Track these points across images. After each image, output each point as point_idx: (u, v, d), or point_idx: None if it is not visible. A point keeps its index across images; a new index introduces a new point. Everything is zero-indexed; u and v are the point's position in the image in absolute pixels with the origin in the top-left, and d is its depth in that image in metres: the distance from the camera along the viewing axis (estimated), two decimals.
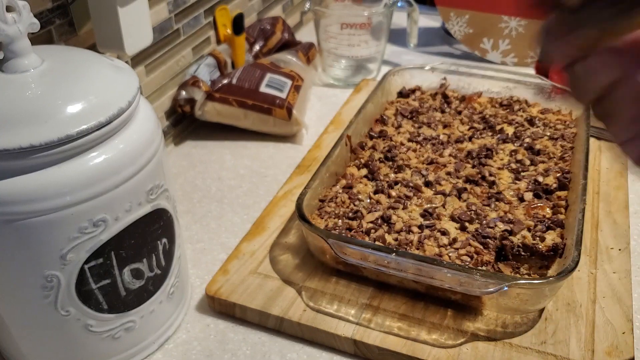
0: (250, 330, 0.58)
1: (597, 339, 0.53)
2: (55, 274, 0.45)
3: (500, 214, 0.63)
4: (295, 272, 0.61)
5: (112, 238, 0.46)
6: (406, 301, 0.58)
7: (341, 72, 1.02)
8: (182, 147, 0.86)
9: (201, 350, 0.56)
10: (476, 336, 0.54)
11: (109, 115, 0.43)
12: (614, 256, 0.62)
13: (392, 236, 0.60)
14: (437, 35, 1.19)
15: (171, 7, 0.79)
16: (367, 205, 0.65)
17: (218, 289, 0.59)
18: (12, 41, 0.44)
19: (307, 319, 0.56)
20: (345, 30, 0.97)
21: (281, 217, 0.69)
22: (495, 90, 0.85)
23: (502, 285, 0.51)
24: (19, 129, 0.41)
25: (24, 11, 0.44)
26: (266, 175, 0.80)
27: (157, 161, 0.49)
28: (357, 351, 0.55)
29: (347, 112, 0.90)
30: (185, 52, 0.85)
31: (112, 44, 0.65)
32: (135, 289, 0.50)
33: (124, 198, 0.46)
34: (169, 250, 0.53)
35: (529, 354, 0.52)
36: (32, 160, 0.41)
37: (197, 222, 0.72)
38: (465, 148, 0.74)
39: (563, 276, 0.51)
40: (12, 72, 0.44)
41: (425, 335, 0.54)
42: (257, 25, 0.97)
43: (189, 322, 0.59)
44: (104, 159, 0.44)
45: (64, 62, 0.47)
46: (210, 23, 0.89)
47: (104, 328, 0.50)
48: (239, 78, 0.85)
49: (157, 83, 0.81)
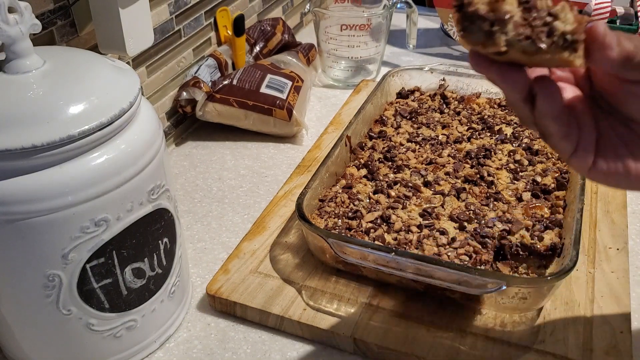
0: (250, 329, 0.58)
1: (595, 338, 0.54)
2: (57, 273, 0.46)
3: (499, 213, 0.63)
4: (296, 272, 0.62)
5: (113, 237, 0.47)
6: (405, 300, 0.58)
7: (341, 73, 1.02)
8: (183, 148, 0.87)
9: (202, 349, 0.56)
10: (475, 335, 0.54)
11: (111, 116, 0.44)
12: (612, 256, 0.63)
13: (391, 236, 0.61)
14: (436, 36, 1.20)
15: (172, 8, 0.79)
16: (366, 205, 0.65)
17: (219, 288, 0.60)
18: (14, 42, 0.44)
19: (307, 318, 0.56)
20: (345, 32, 0.97)
21: (281, 217, 0.69)
22: (493, 90, 0.86)
23: (501, 285, 0.51)
24: (21, 129, 0.41)
25: (26, 12, 0.45)
26: (266, 175, 0.81)
27: (158, 161, 0.49)
28: (357, 349, 0.55)
29: (346, 113, 0.90)
30: (186, 53, 0.85)
31: (114, 45, 0.65)
32: (136, 288, 0.51)
33: (125, 198, 0.46)
34: (170, 250, 0.53)
35: (527, 353, 0.53)
36: (34, 161, 0.42)
37: (198, 222, 0.72)
38: (464, 148, 0.74)
39: (561, 275, 0.51)
40: (14, 73, 0.44)
41: (424, 334, 0.55)
42: (257, 27, 0.98)
43: (190, 321, 0.59)
44: (105, 159, 0.44)
45: (66, 63, 0.47)
46: (211, 24, 0.90)
47: (105, 327, 0.50)
48: (240, 79, 0.86)
49: (158, 84, 0.81)
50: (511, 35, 0.33)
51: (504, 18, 0.32)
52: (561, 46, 0.33)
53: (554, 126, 0.36)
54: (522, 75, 0.36)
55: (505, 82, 0.36)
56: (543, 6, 0.33)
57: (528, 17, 0.33)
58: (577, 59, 0.34)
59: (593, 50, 0.34)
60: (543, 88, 0.36)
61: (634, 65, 0.34)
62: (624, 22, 0.92)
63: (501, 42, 0.33)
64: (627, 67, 0.34)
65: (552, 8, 0.33)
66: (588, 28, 0.34)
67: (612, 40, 0.34)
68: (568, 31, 0.33)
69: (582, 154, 0.38)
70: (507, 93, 0.37)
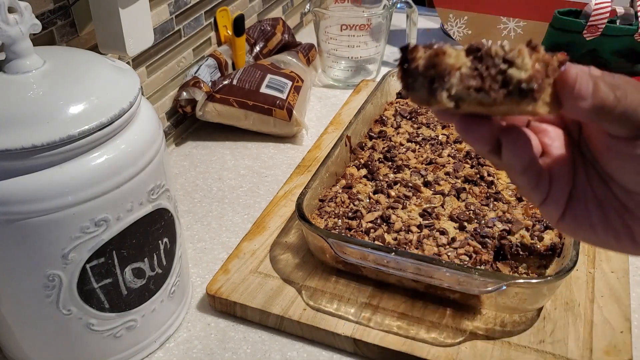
0: (250, 329, 0.58)
1: (595, 338, 0.54)
2: (57, 273, 0.46)
3: (499, 213, 0.63)
4: (296, 272, 0.62)
5: (113, 237, 0.47)
6: (405, 300, 0.58)
7: (341, 73, 1.02)
8: (183, 148, 0.87)
9: (202, 349, 0.56)
10: (475, 335, 0.54)
11: (111, 116, 0.44)
12: (612, 255, 0.63)
13: (391, 236, 0.61)
14: (436, 36, 1.20)
15: (172, 8, 0.80)
16: (366, 205, 0.65)
17: (219, 288, 0.60)
18: (14, 42, 0.44)
19: (307, 318, 0.56)
20: (345, 32, 0.97)
21: (281, 217, 0.69)
22: None
23: (501, 285, 0.51)
24: (21, 129, 0.41)
25: (26, 12, 0.45)
26: (266, 175, 0.81)
27: (158, 161, 0.49)
28: (357, 350, 0.55)
29: (346, 113, 0.90)
30: (186, 53, 0.85)
31: (114, 45, 0.65)
32: (136, 288, 0.51)
33: (125, 198, 0.46)
34: (170, 250, 0.53)
35: (527, 353, 0.53)
36: (34, 161, 0.42)
37: (198, 222, 0.72)
38: (464, 148, 0.74)
39: (561, 275, 0.51)
40: (14, 73, 0.45)
41: (424, 334, 0.55)
42: (257, 27, 0.98)
43: (190, 321, 0.59)
44: (105, 159, 0.44)
45: (66, 63, 0.47)
46: (211, 24, 0.90)
47: (105, 327, 0.50)
48: (240, 79, 0.86)
49: (158, 84, 0.81)
50: (458, 90, 0.29)
51: (444, 74, 0.29)
52: (518, 96, 0.29)
53: (521, 180, 0.33)
54: (487, 128, 0.32)
55: (467, 135, 0.33)
56: (498, 53, 0.29)
57: (479, 66, 0.29)
58: (540, 108, 0.30)
59: (563, 98, 0.30)
60: (509, 142, 0.32)
61: (612, 118, 0.29)
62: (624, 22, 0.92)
63: (443, 99, 0.30)
64: (604, 120, 0.30)
65: (509, 54, 0.29)
66: (560, 73, 0.30)
67: (586, 88, 0.29)
68: (523, 79, 0.29)
69: (551, 206, 0.34)
70: (471, 146, 0.34)
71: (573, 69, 0.30)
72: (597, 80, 0.29)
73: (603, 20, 0.89)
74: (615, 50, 0.92)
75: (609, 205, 0.33)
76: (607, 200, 0.33)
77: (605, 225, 0.33)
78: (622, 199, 0.33)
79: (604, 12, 0.89)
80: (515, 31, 1.04)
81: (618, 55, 0.93)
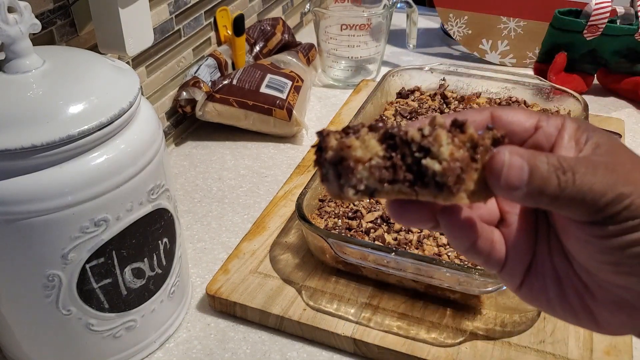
0: (250, 329, 0.58)
1: (595, 339, 0.54)
2: (57, 273, 0.46)
3: None
4: (296, 272, 0.62)
5: (113, 237, 0.47)
6: (405, 300, 0.58)
7: (341, 72, 1.02)
8: (183, 147, 0.87)
9: (202, 349, 0.56)
10: (475, 335, 0.54)
11: (110, 116, 0.44)
12: None
13: (391, 236, 0.60)
14: (436, 36, 1.20)
15: (172, 8, 0.79)
16: (366, 205, 0.65)
17: (218, 288, 0.59)
18: (14, 42, 0.44)
19: (307, 318, 0.56)
20: (345, 31, 0.97)
21: (281, 217, 0.69)
22: (493, 90, 0.86)
23: (501, 285, 0.51)
24: (20, 129, 0.41)
25: (26, 12, 0.45)
26: (266, 176, 0.81)
27: (158, 161, 0.49)
28: (357, 350, 0.55)
29: (346, 113, 0.90)
30: (185, 53, 0.85)
31: (113, 45, 0.65)
32: (136, 288, 0.51)
33: (125, 198, 0.46)
34: (169, 250, 0.53)
35: (527, 353, 0.53)
36: (33, 160, 0.42)
37: (197, 222, 0.72)
38: None
39: None
40: (13, 73, 0.44)
41: (424, 334, 0.55)
42: (257, 26, 0.98)
43: (190, 321, 0.59)
44: (105, 159, 0.44)
45: (65, 62, 0.47)
46: (210, 24, 0.90)
47: (105, 327, 0.50)
48: (240, 79, 0.86)
49: (158, 84, 0.81)
50: (369, 183, 0.26)
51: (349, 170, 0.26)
52: (434, 188, 0.26)
53: (467, 257, 0.31)
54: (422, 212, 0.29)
55: (400, 221, 0.30)
56: (414, 138, 0.26)
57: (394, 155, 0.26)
58: (462, 200, 0.26)
59: (491, 187, 0.27)
60: (446, 227, 0.29)
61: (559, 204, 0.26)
62: (624, 22, 0.92)
63: (350, 196, 0.27)
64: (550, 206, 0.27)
65: (425, 139, 0.26)
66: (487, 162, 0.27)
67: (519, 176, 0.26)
68: (437, 171, 0.26)
69: (506, 278, 0.31)
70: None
71: (502, 153, 0.26)
72: (537, 164, 0.26)
73: (603, 20, 0.89)
74: (616, 50, 0.92)
75: (568, 283, 0.30)
76: (567, 278, 0.30)
77: (563, 303, 0.30)
78: (583, 278, 0.30)
79: (604, 11, 0.89)
80: (515, 31, 1.04)
81: (618, 55, 0.93)
